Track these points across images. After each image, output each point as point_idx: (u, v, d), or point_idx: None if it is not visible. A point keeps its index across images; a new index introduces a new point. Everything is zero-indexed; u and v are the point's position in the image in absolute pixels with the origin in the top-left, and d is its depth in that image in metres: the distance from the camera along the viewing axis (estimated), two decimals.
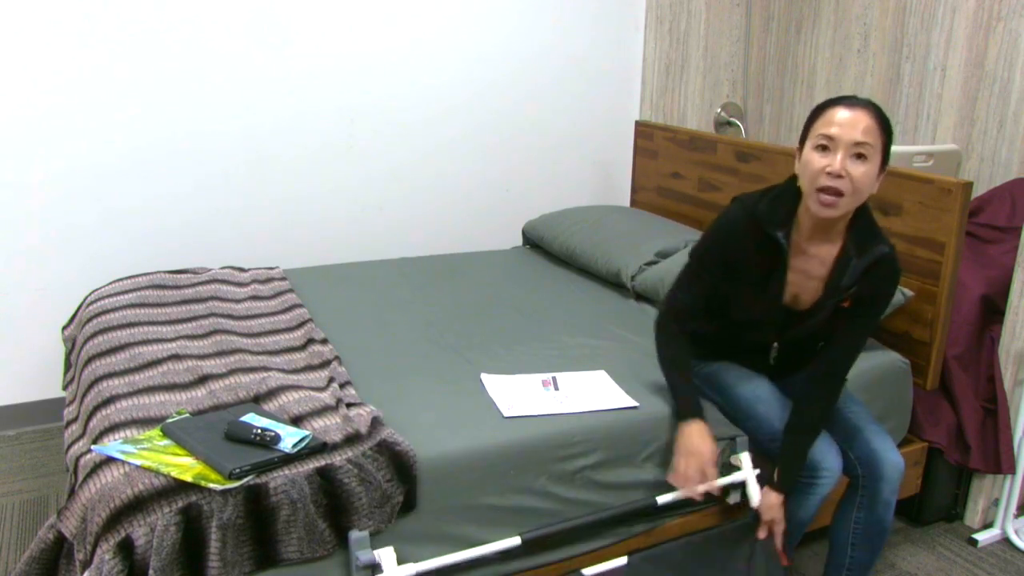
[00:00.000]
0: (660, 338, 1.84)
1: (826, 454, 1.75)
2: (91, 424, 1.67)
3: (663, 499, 1.81)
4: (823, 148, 1.58)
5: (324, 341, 2.07)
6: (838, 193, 1.57)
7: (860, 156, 1.56)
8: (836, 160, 1.55)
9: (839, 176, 1.56)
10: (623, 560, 1.73)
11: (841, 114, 1.57)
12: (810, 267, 1.72)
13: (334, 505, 1.50)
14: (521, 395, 1.86)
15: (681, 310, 1.82)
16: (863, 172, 1.56)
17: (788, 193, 1.71)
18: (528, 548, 1.68)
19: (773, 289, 1.72)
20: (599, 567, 1.71)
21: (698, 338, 1.93)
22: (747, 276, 1.74)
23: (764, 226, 1.68)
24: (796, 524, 1.81)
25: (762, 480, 1.91)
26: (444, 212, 3.28)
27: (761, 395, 1.85)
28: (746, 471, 1.87)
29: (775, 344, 1.83)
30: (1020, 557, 2.26)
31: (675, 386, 1.81)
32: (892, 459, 1.77)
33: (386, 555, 1.51)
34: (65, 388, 2.21)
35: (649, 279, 2.50)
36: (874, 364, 2.16)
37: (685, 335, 1.84)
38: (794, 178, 1.70)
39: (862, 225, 1.68)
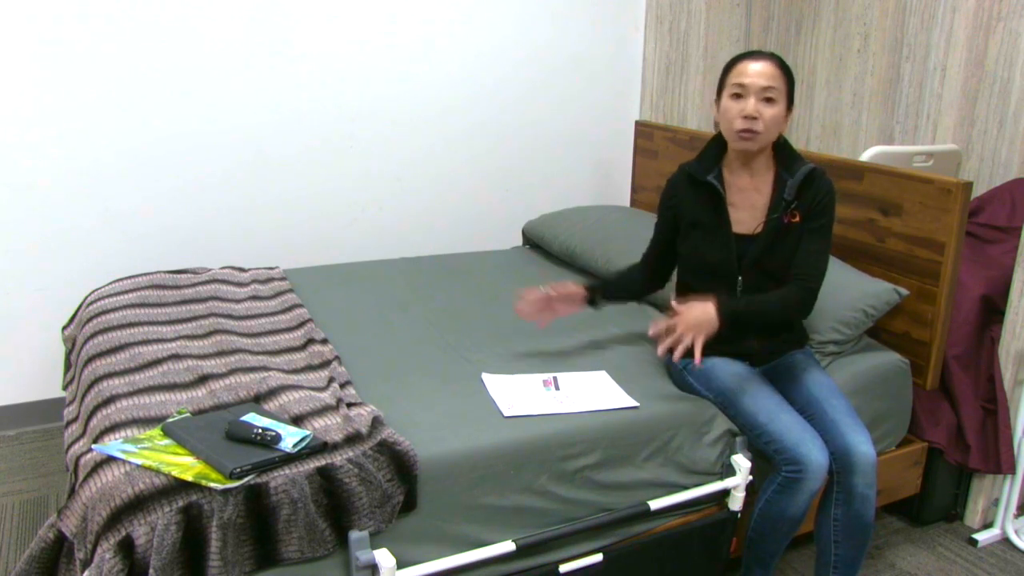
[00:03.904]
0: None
1: (811, 448, 1.75)
2: (91, 424, 1.67)
3: (656, 504, 1.81)
4: (737, 96, 1.83)
5: (324, 341, 2.07)
6: (754, 131, 1.81)
7: (769, 100, 1.81)
8: (749, 104, 1.80)
9: (753, 117, 1.81)
10: (599, 557, 1.74)
11: (749, 66, 1.82)
12: (750, 198, 1.93)
13: (334, 505, 1.50)
14: (522, 395, 1.86)
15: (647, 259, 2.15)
16: (773, 113, 1.82)
17: (713, 144, 1.97)
18: (521, 552, 1.68)
19: (723, 224, 1.93)
20: (575, 563, 1.72)
21: None
22: (695, 221, 1.96)
23: (696, 175, 1.94)
24: (787, 522, 1.81)
25: (753, 488, 1.91)
26: (444, 212, 3.28)
27: (747, 388, 1.87)
28: (740, 476, 1.88)
29: (740, 279, 1.92)
30: (1020, 557, 2.26)
31: None
32: (863, 451, 1.77)
33: (383, 555, 1.51)
34: (65, 388, 2.21)
35: None
36: (874, 364, 2.16)
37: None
38: (715, 135, 1.96)
39: (785, 153, 1.93)
